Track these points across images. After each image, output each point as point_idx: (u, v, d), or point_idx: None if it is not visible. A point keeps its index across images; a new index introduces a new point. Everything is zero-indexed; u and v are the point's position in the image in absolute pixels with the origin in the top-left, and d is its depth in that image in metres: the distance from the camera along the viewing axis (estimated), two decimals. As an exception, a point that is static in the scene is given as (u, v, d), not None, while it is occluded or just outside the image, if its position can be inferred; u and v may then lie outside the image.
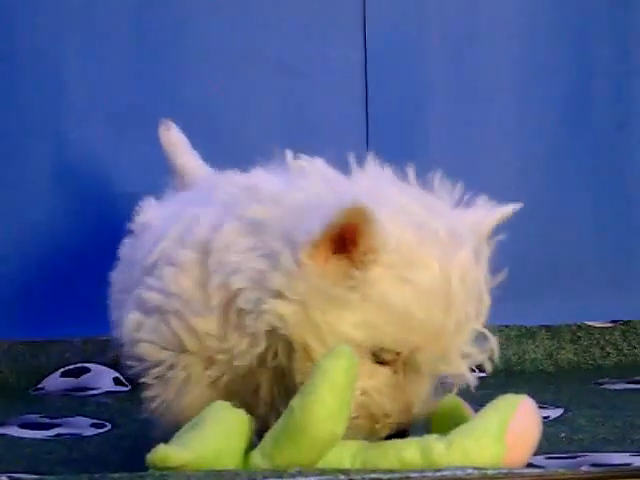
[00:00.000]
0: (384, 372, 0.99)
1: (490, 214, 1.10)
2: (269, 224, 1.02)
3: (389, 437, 0.97)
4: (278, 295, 0.98)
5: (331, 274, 0.97)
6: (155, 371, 1.10)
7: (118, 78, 1.91)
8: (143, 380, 1.13)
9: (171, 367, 1.09)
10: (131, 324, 1.11)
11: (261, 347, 1.01)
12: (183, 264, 1.07)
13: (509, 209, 1.12)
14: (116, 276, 1.27)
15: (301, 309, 0.98)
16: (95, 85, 1.91)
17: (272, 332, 0.99)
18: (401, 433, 0.98)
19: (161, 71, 1.92)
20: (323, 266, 0.97)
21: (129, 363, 1.14)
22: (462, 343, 0.99)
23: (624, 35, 2.04)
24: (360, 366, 0.94)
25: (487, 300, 1.03)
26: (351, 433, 0.94)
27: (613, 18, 2.03)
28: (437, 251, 0.98)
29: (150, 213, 1.24)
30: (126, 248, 1.26)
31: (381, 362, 0.99)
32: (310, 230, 0.97)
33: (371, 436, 0.97)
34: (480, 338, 1.02)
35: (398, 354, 0.99)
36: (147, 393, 1.13)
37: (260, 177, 1.12)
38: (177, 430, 1.02)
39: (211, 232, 1.05)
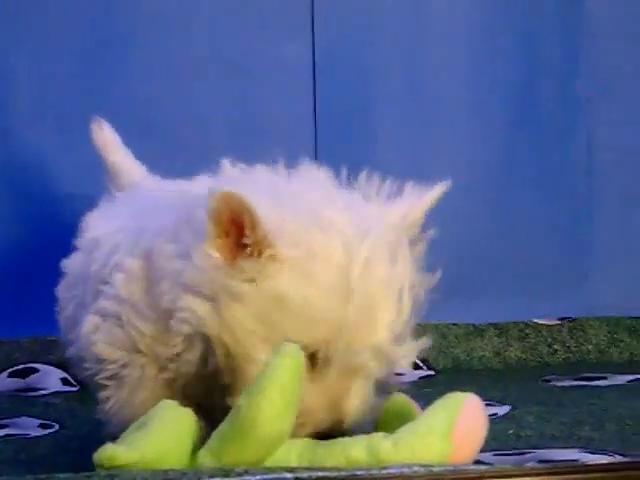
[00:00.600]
0: (307, 371, 0.96)
1: (416, 203, 1.07)
2: (190, 226, 1.02)
3: (322, 437, 0.95)
4: (192, 291, 0.98)
5: (235, 267, 0.96)
6: (110, 370, 1.10)
7: (66, 79, 1.90)
8: (98, 381, 1.13)
9: (125, 366, 1.09)
10: (89, 327, 1.12)
11: (197, 350, 1.01)
12: (131, 272, 1.08)
13: (438, 191, 1.09)
14: (65, 295, 1.28)
15: (212, 305, 0.97)
16: (43, 86, 1.89)
17: (200, 334, 0.99)
18: (327, 437, 0.95)
19: (110, 72, 1.91)
20: (230, 259, 0.97)
21: (85, 365, 1.14)
22: (373, 339, 0.97)
23: (571, 37, 2.05)
24: None
25: (406, 297, 1.00)
26: None
27: (561, 20, 2.05)
28: (337, 244, 0.96)
29: (97, 229, 1.24)
30: (76, 264, 1.26)
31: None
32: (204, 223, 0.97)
33: (293, 434, 0.94)
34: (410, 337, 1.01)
35: (314, 355, 0.97)
36: (102, 394, 1.12)
37: (202, 184, 1.12)
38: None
39: (153, 241, 1.06)
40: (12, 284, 1.86)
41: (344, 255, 0.96)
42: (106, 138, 1.49)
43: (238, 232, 0.96)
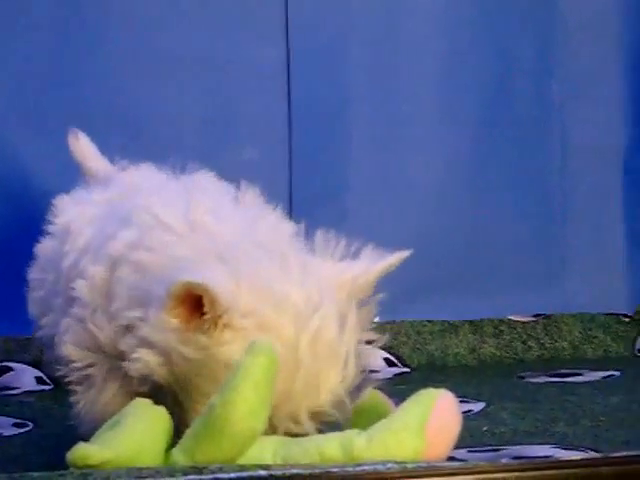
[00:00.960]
0: None
1: (370, 268, 1.06)
2: (151, 269, 1.04)
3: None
4: (146, 344, 0.99)
5: (189, 336, 0.97)
6: (77, 371, 1.11)
7: (38, 77, 1.89)
8: (68, 382, 1.13)
9: (90, 366, 1.10)
10: (63, 329, 1.12)
11: (149, 384, 1.02)
12: (93, 279, 1.08)
13: (394, 259, 1.08)
14: (37, 276, 1.29)
15: (165, 359, 0.98)
16: (15, 84, 1.89)
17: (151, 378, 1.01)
18: None
19: (82, 70, 1.90)
20: (185, 327, 0.98)
21: (56, 366, 1.15)
22: (316, 403, 0.98)
23: (545, 39, 2.06)
24: None
25: (351, 363, 1.01)
26: None
27: (535, 22, 2.05)
28: (288, 318, 0.97)
29: (68, 214, 1.25)
30: (47, 249, 1.27)
31: None
32: (163, 294, 0.97)
33: None
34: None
35: None
36: (73, 398, 1.13)
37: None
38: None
39: (119, 253, 1.07)
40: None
41: (294, 329, 0.97)
42: (82, 147, 1.50)
43: (195, 306, 0.97)
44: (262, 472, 0.69)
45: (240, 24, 1.95)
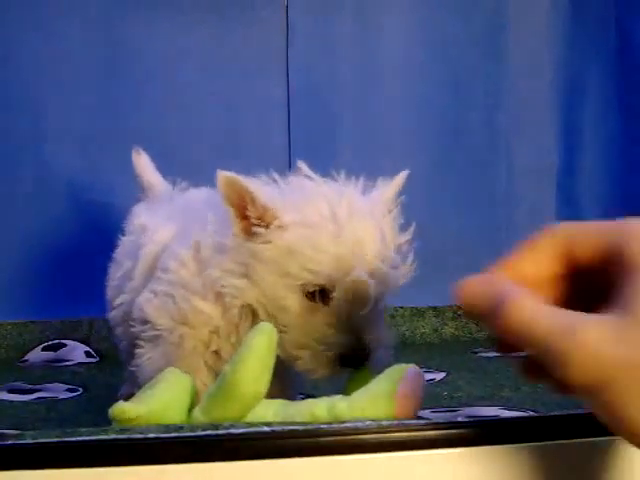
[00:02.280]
0: (318, 307, 0.98)
1: (388, 187, 1.10)
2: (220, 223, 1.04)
3: (344, 364, 0.97)
4: (231, 273, 1.00)
5: (252, 237, 0.99)
6: (152, 332, 1.09)
7: (88, 106, 1.90)
8: (139, 338, 1.12)
9: (166, 331, 1.08)
10: (143, 298, 1.11)
11: (249, 319, 1.02)
12: (183, 260, 1.08)
13: (401, 177, 1.13)
14: (114, 269, 1.29)
15: (247, 278, 0.99)
16: (68, 112, 1.89)
17: (247, 305, 1.01)
18: (355, 361, 0.97)
19: (124, 101, 1.91)
20: (249, 234, 0.99)
21: (130, 324, 1.13)
22: (366, 263, 0.97)
23: (493, 77, 2.06)
24: (299, 305, 0.97)
25: (389, 235, 1.02)
26: (305, 364, 0.97)
27: (484, 65, 2.06)
28: (323, 204, 0.99)
29: (143, 217, 1.26)
30: (125, 245, 1.28)
31: (315, 298, 0.98)
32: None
33: (319, 367, 0.97)
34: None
35: (327, 292, 0.98)
36: (139, 350, 1.11)
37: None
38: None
39: (199, 235, 1.07)
40: (44, 274, 1.86)
41: (330, 209, 0.98)
42: (142, 163, 1.48)
43: (246, 211, 0.99)
44: (265, 427, 0.68)
45: (248, 67, 1.95)
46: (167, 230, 1.16)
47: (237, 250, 1.01)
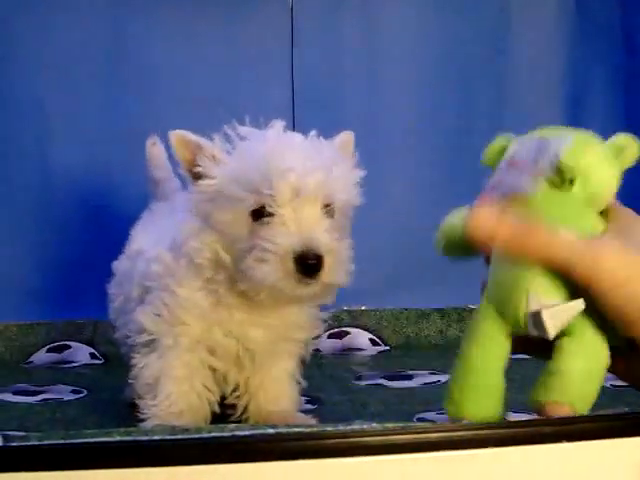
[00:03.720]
0: (264, 223, 1.02)
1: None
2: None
3: (302, 264, 0.99)
4: (197, 231, 1.08)
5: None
6: (146, 338, 1.11)
7: (93, 107, 1.90)
8: (135, 346, 1.13)
9: (160, 335, 1.09)
10: (139, 311, 1.13)
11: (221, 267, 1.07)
12: (163, 259, 1.12)
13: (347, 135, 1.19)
14: (114, 291, 1.32)
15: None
16: (72, 115, 1.89)
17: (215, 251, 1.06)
18: (313, 262, 0.99)
19: (129, 102, 1.91)
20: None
21: (129, 336, 1.14)
22: (290, 162, 1.03)
23: (499, 83, 2.06)
24: (250, 227, 1.03)
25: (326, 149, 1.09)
26: (268, 280, 0.99)
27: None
28: (259, 136, 1.10)
29: (140, 242, 1.27)
30: (124, 268, 1.29)
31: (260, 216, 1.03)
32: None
33: (281, 279, 0.99)
34: None
35: (263, 204, 1.02)
36: (134, 359, 1.12)
37: None
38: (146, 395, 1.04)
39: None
40: (49, 276, 1.86)
41: (262, 137, 1.09)
42: (155, 154, 1.47)
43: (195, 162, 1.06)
44: (271, 430, 0.69)
45: (254, 71, 1.95)
46: (154, 250, 1.17)
47: (196, 207, 1.06)
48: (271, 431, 0.68)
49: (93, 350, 1.81)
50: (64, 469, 0.65)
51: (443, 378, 1.53)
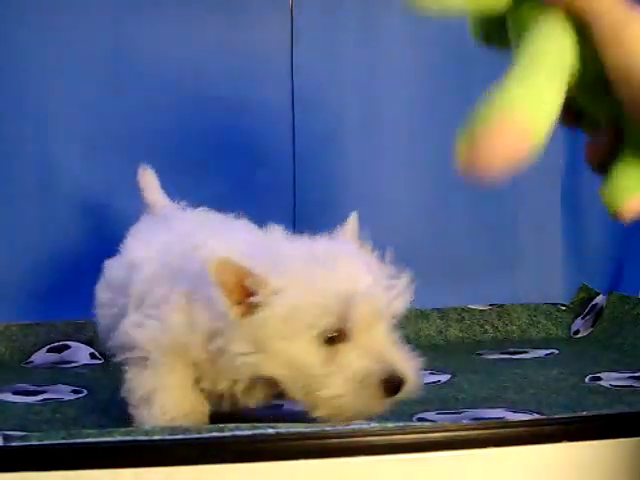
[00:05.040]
0: (340, 348, 0.99)
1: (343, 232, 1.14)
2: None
3: (387, 391, 0.96)
4: (241, 353, 1.01)
5: (251, 311, 0.99)
6: (138, 354, 1.10)
7: (93, 108, 1.90)
8: (127, 363, 1.13)
9: (153, 352, 1.09)
10: (131, 323, 1.12)
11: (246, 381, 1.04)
12: (176, 307, 1.10)
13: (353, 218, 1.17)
14: (105, 296, 1.31)
15: (260, 353, 0.99)
16: (73, 115, 1.89)
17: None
18: (397, 384, 0.97)
19: (129, 103, 1.91)
20: (246, 312, 0.99)
21: (121, 350, 1.14)
22: (360, 288, 1.01)
23: (500, 79, 2.05)
24: (321, 354, 0.98)
25: (374, 264, 1.07)
26: (352, 407, 0.93)
27: (491, 67, 2.04)
28: (303, 259, 1.02)
29: (135, 252, 1.25)
30: (119, 276, 1.27)
31: (334, 342, 0.99)
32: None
33: (368, 402, 0.95)
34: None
35: (343, 330, 0.99)
36: (126, 375, 1.13)
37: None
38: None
39: (190, 285, 1.09)
40: (49, 276, 1.86)
41: (308, 258, 1.02)
42: (147, 181, 1.50)
43: (245, 293, 0.99)
44: (271, 430, 0.69)
45: (254, 75, 1.95)
46: (153, 267, 1.17)
47: (238, 328, 1.00)
48: (271, 431, 0.68)
49: (93, 350, 1.81)
50: (65, 469, 0.65)
51: (443, 378, 1.54)
